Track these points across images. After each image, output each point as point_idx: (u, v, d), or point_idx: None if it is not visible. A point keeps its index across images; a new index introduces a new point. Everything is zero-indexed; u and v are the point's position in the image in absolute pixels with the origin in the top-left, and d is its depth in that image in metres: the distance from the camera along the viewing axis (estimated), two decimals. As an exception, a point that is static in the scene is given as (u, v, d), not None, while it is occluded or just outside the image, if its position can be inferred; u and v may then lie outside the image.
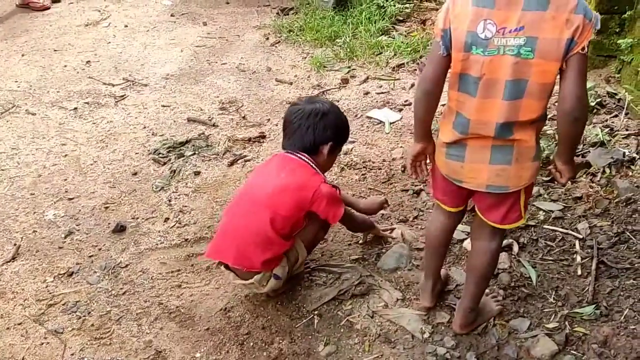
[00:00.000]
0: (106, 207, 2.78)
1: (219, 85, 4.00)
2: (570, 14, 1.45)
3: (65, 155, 3.21)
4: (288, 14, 5.23)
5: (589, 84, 3.24)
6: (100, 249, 2.51)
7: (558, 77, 1.51)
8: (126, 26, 5.05)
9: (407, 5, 5.12)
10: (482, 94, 1.55)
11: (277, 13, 5.28)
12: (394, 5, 5.03)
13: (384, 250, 2.39)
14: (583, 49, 1.46)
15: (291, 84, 4.01)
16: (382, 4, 5.05)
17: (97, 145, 3.29)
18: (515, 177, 1.64)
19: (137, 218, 2.70)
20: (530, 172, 1.66)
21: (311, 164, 2.09)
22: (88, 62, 4.37)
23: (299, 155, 2.10)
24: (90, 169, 3.08)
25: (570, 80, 1.49)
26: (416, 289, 2.18)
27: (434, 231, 2.00)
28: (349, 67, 4.16)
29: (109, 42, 4.72)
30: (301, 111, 2.12)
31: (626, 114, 2.98)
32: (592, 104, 3.09)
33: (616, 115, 3.03)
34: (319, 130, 2.09)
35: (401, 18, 4.94)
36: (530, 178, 1.67)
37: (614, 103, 3.12)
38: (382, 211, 2.63)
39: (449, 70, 1.61)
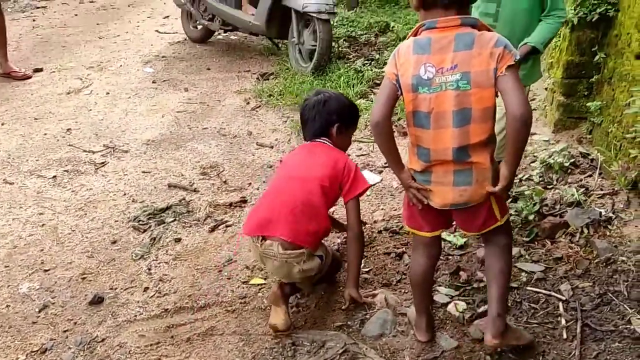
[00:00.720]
0: (83, 278, 2.71)
1: (200, 150, 4.02)
2: (492, 48, 1.75)
3: (43, 224, 3.15)
4: (268, 79, 5.35)
5: (561, 145, 3.35)
6: (76, 323, 2.43)
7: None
8: (108, 93, 5.10)
9: (384, 69, 5.29)
10: (435, 126, 1.81)
11: (258, 78, 5.40)
12: (371, 70, 5.21)
13: (367, 316, 2.35)
14: (503, 71, 1.73)
15: (272, 147, 4.05)
16: (359, 69, 5.22)
17: (76, 214, 3.25)
18: (476, 194, 1.88)
19: (116, 288, 2.64)
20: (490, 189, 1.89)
21: (329, 144, 2.41)
22: (69, 129, 4.37)
23: (318, 140, 2.42)
24: (68, 239, 3.02)
25: (509, 94, 1.73)
26: (411, 323, 2.26)
27: (416, 272, 2.15)
28: (329, 129, 4.22)
29: (90, 110, 4.75)
30: (308, 104, 2.47)
31: (600, 173, 3.05)
32: (566, 164, 3.17)
33: (590, 175, 3.10)
34: (324, 116, 2.40)
35: (378, 82, 5.08)
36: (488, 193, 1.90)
37: (587, 163, 3.21)
38: (365, 275, 2.62)
39: (405, 111, 1.87)
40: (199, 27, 6.33)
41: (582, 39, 3.22)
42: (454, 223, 2.10)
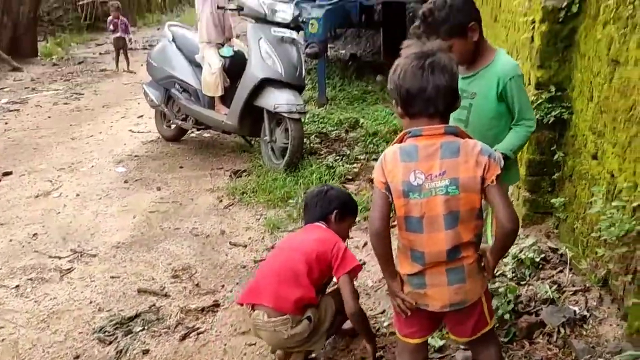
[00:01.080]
0: (42, 399, 2.55)
1: (171, 251, 3.96)
2: (477, 156, 1.85)
3: (3, 339, 2.99)
4: (241, 176, 5.41)
5: (531, 240, 3.40)
6: None
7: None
8: (78, 195, 5.06)
9: (355, 165, 5.42)
10: (428, 230, 1.86)
11: (230, 175, 5.45)
12: (343, 166, 5.32)
13: None
14: (492, 181, 1.84)
15: (245, 246, 4.02)
16: (331, 165, 5.33)
17: (38, 327, 3.10)
18: (471, 291, 1.93)
19: (77, 410, 2.47)
20: (481, 282, 1.98)
21: (325, 227, 2.63)
22: (35, 234, 4.28)
23: (316, 223, 2.65)
24: (28, 355, 2.87)
25: (499, 207, 1.85)
26: None
27: None
28: (302, 227, 4.22)
29: (59, 213, 4.69)
30: (311, 193, 2.83)
31: (570, 269, 3.09)
32: (537, 259, 3.21)
33: (561, 271, 3.13)
34: (324, 203, 2.67)
35: (350, 177, 5.19)
36: (483, 287, 1.99)
37: (557, 258, 3.25)
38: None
39: (396, 215, 1.91)
40: (173, 126, 6.45)
41: (541, 139, 3.37)
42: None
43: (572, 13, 3.05)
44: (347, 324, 2.73)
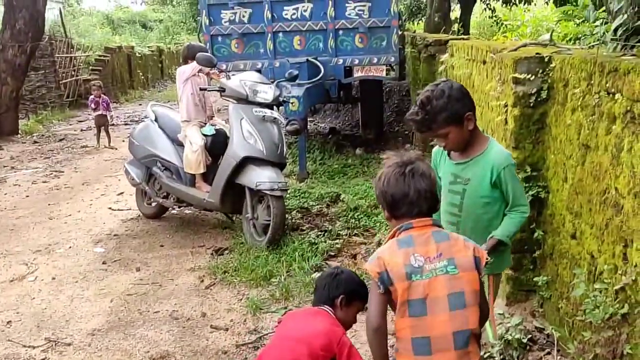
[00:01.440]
0: None
1: (149, 337, 3.83)
2: (464, 241, 2.01)
3: None
4: (222, 254, 5.33)
5: (516, 320, 3.38)
6: None
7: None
8: (54, 278, 4.91)
9: (337, 240, 5.41)
10: (431, 311, 1.88)
11: (212, 253, 5.38)
12: (325, 242, 5.30)
13: None
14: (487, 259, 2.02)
15: (227, 329, 3.90)
16: (313, 241, 5.31)
17: None
18: None
19: None
20: None
21: (330, 313, 2.58)
22: (9, 322, 4.11)
23: (322, 307, 2.61)
24: None
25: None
26: None
27: None
28: (285, 307, 4.15)
29: (34, 298, 4.53)
30: (322, 274, 2.87)
31: (558, 350, 3.06)
32: (524, 340, 3.17)
33: (549, 353, 3.10)
34: (332, 287, 2.64)
35: (333, 253, 5.16)
36: None
37: (544, 339, 3.22)
38: None
39: (396, 302, 1.91)
40: (153, 204, 6.42)
41: (521, 216, 3.43)
42: None
43: (541, 98, 3.20)
44: None
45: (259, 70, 7.94)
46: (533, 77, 3.19)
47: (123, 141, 10.02)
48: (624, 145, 2.31)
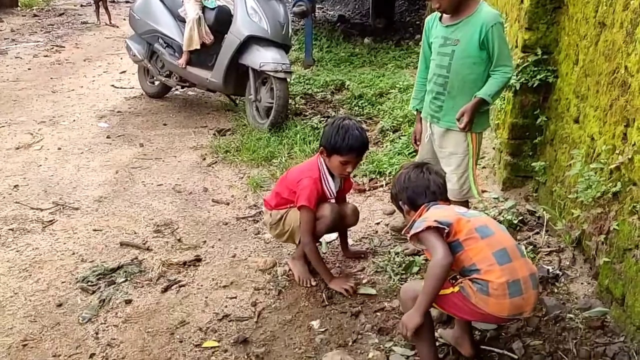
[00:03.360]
0: (24, 345, 2.57)
1: (154, 207, 3.96)
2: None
3: (-17, 287, 2.99)
4: (225, 135, 5.37)
5: (510, 203, 3.47)
6: (14, 395, 2.28)
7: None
8: (59, 149, 5.00)
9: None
10: (495, 230, 2.12)
11: (214, 134, 5.42)
12: (327, 127, 5.31)
13: (324, 380, 2.31)
14: None
15: (228, 204, 4.02)
16: (316, 126, 5.32)
17: (19, 275, 3.10)
18: None
19: (59, 355, 2.50)
20: None
21: (320, 159, 2.89)
22: (16, 186, 4.23)
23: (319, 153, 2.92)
24: (10, 302, 2.87)
25: None
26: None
27: None
28: (285, 187, 4.24)
29: (40, 165, 4.63)
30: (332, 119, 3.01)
31: (546, 231, 3.16)
32: (515, 221, 3.28)
33: (537, 233, 3.21)
34: (320, 137, 2.90)
35: (334, 139, 5.18)
36: None
37: (535, 220, 3.32)
38: (321, 336, 2.58)
39: (462, 236, 2.07)
40: (156, 82, 6.35)
41: (525, 102, 3.40)
42: None
43: (561, -25, 3.05)
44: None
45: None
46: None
47: (124, 19, 9.72)
48: (640, 22, 2.24)
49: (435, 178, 2.29)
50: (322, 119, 5.52)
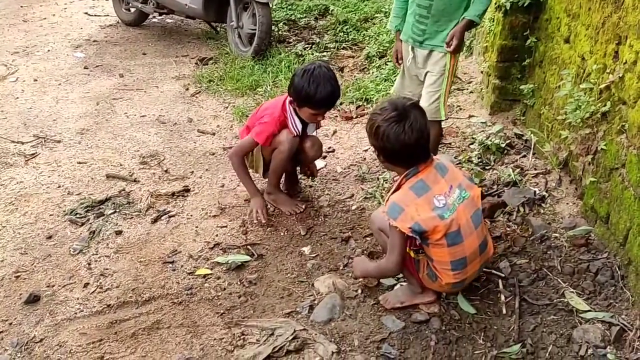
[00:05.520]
0: (17, 276, 2.58)
1: (138, 138, 3.89)
2: (452, 164, 2.25)
3: (-31, 221, 2.97)
4: (207, 64, 5.23)
5: (497, 127, 3.47)
6: (11, 324, 2.31)
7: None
8: (35, 80, 4.83)
9: (325, 53, 5.29)
10: (465, 236, 2.08)
11: (196, 63, 5.27)
12: (312, 54, 5.18)
13: (316, 302, 2.36)
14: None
15: (214, 134, 3.97)
16: (300, 53, 5.19)
17: (6, 209, 3.08)
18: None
19: (53, 286, 2.52)
20: None
21: (288, 103, 2.78)
22: (-6, 119, 4.13)
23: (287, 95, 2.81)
24: (-2, 235, 2.86)
25: None
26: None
27: None
28: (271, 114, 4.17)
29: (17, 98, 4.49)
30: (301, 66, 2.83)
31: (533, 153, 3.18)
32: (502, 145, 3.29)
33: (525, 156, 3.23)
34: (289, 86, 2.75)
35: (319, 66, 5.07)
36: None
37: (522, 144, 3.34)
38: (312, 261, 2.63)
39: (432, 241, 2.08)
40: (132, 9, 6.08)
41: (515, 23, 3.32)
42: None
43: None
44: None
45: None
46: None
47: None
48: None
49: (419, 136, 2.03)
50: (307, 45, 5.37)
